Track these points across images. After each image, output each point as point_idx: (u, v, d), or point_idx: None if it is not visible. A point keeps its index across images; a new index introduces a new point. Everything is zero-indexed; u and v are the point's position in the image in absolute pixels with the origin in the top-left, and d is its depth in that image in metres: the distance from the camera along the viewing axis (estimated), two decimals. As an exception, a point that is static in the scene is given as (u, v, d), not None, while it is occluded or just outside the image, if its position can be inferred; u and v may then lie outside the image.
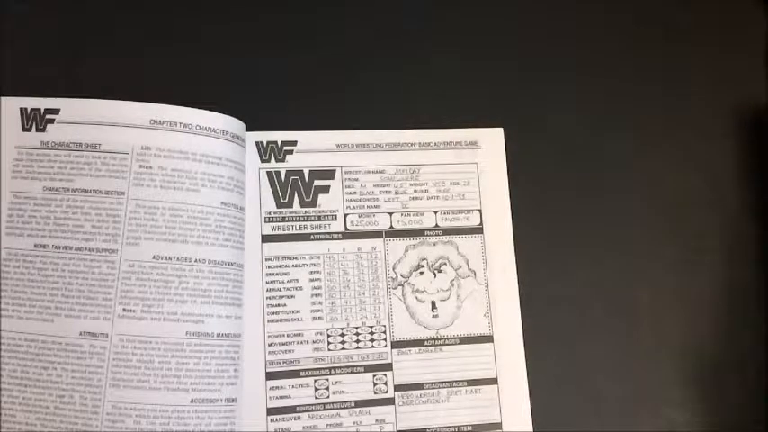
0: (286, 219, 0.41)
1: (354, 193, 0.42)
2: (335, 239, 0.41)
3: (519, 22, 0.46)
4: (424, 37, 0.45)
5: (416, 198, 0.43)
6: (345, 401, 0.40)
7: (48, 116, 0.38)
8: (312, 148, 0.42)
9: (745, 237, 0.45)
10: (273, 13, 0.44)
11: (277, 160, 0.42)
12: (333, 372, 0.40)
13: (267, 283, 0.40)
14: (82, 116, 0.38)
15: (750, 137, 0.47)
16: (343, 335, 0.41)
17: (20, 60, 0.40)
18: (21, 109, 0.38)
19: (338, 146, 0.43)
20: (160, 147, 0.38)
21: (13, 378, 0.35)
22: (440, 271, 0.42)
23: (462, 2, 0.46)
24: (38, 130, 0.38)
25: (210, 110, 0.39)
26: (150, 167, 0.37)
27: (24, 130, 0.38)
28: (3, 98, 0.38)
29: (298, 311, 0.40)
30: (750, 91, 0.48)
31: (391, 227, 0.42)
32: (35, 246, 0.37)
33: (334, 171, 0.42)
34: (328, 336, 0.40)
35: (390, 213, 0.42)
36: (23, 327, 0.36)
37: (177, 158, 0.38)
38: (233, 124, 0.40)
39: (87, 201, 0.37)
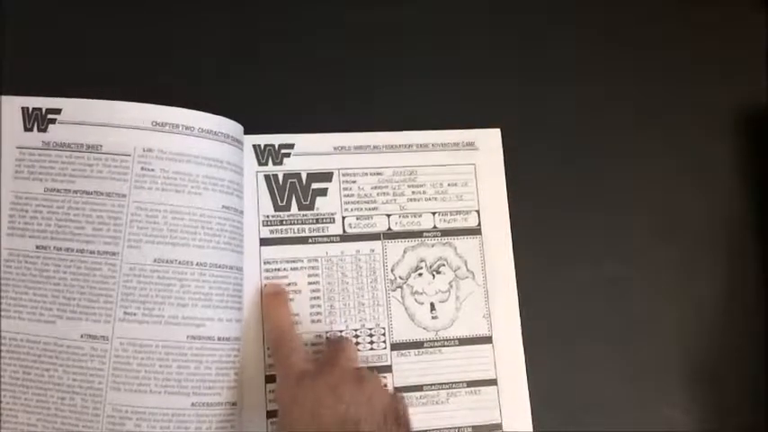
0: (284, 222, 0.43)
1: (352, 195, 0.44)
2: (334, 242, 0.44)
3: (518, 21, 0.49)
4: (422, 39, 0.47)
5: (414, 200, 0.45)
6: (345, 403, 0.42)
7: (49, 116, 0.40)
8: (309, 150, 0.44)
9: (745, 237, 0.48)
10: (273, 15, 0.46)
11: (274, 163, 0.44)
12: (333, 374, 0.42)
13: (266, 286, 0.42)
14: (83, 116, 0.40)
15: (750, 137, 0.49)
16: (342, 336, 0.43)
17: (21, 60, 0.42)
18: (22, 108, 0.40)
19: (335, 148, 0.45)
20: (162, 149, 0.39)
21: (14, 379, 0.38)
22: (438, 272, 0.44)
23: (461, 3, 0.48)
24: (39, 129, 0.40)
25: (207, 112, 0.41)
26: (152, 170, 0.39)
27: (26, 129, 0.40)
28: (4, 97, 0.40)
29: (297, 314, 0.42)
30: (750, 91, 0.50)
31: (389, 229, 0.45)
32: (36, 247, 0.39)
33: (331, 174, 0.45)
34: (327, 339, 0.42)
35: (388, 215, 0.45)
36: (25, 328, 0.38)
37: (179, 161, 0.39)
38: (233, 127, 0.42)
39: (88, 202, 0.39)
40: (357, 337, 0.43)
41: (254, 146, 0.44)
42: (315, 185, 0.44)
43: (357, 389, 0.36)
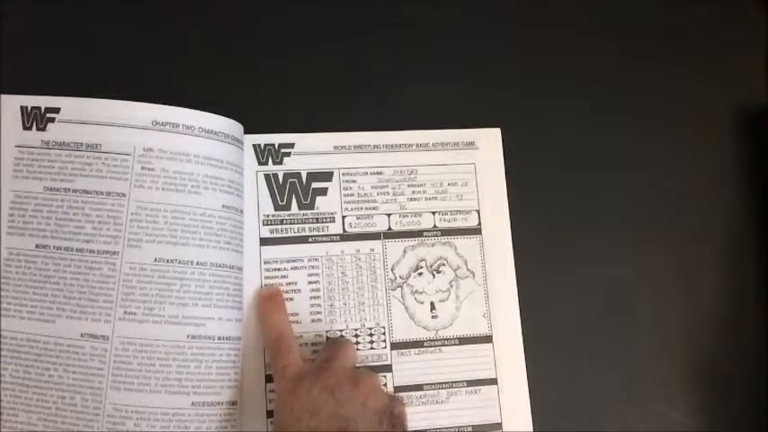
0: (284, 221, 0.44)
1: (352, 194, 0.45)
2: (334, 241, 0.44)
3: (517, 22, 0.49)
4: (422, 38, 0.48)
5: (414, 199, 0.45)
6: (345, 403, 0.43)
7: (48, 115, 0.40)
8: (309, 150, 0.45)
9: (745, 237, 0.48)
10: (273, 14, 0.47)
11: (274, 163, 0.44)
12: (333, 373, 0.43)
13: (266, 286, 0.43)
14: (83, 115, 0.40)
15: (750, 137, 0.50)
16: (342, 337, 0.43)
17: (20, 59, 0.43)
18: (21, 107, 0.40)
19: (336, 147, 0.45)
20: (162, 148, 0.40)
21: (15, 378, 0.38)
22: (438, 272, 0.45)
23: (461, 3, 0.49)
24: (38, 128, 0.40)
25: (207, 112, 0.41)
26: (152, 169, 0.40)
27: (25, 128, 0.40)
28: (3, 96, 0.40)
29: (297, 314, 0.43)
30: (750, 91, 0.51)
31: (389, 228, 0.45)
32: (36, 246, 0.39)
33: (331, 173, 0.45)
34: (327, 338, 0.43)
35: (388, 215, 0.45)
36: (25, 327, 0.38)
37: (180, 160, 0.40)
38: (233, 127, 0.42)
39: (88, 202, 0.39)
40: (357, 336, 0.43)
41: (254, 145, 0.44)
42: (315, 185, 0.45)
43: (353, 390, 0.36)
